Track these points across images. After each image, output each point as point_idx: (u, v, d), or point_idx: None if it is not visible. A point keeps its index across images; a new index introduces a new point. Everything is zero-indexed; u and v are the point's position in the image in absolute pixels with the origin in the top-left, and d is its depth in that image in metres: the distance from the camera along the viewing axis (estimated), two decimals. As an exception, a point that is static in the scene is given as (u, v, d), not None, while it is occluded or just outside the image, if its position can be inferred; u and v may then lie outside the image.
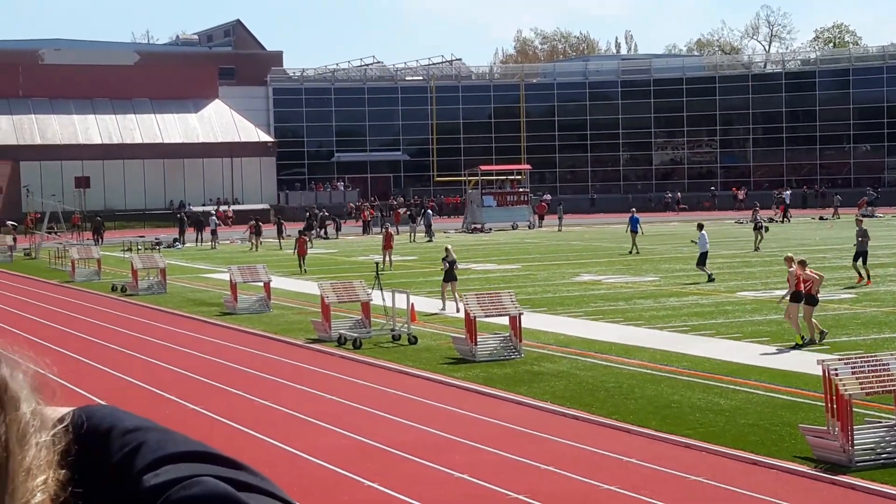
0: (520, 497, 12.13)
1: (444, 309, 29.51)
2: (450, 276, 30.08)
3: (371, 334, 24.23)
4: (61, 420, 1.29)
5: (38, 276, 45.86)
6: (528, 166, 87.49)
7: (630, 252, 47.66)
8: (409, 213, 75.58)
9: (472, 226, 75.18)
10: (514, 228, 75.26)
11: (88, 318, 30.06)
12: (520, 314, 21.84)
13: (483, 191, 79.10)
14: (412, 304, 24.44)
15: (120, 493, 1.25)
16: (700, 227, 37.61)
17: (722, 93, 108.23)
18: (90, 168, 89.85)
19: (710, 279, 34.77)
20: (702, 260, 35.68)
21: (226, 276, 33.39)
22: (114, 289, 37.60)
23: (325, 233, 70.55)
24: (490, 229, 74.00)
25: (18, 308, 33.43)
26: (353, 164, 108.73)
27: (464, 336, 21.85)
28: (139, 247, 57.42)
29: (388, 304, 24.48)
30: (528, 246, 57.19)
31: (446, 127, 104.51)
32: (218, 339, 25.37)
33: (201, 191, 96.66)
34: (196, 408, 17.13)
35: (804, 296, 22.37)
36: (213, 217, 67.28)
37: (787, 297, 22.77)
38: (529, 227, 76.21)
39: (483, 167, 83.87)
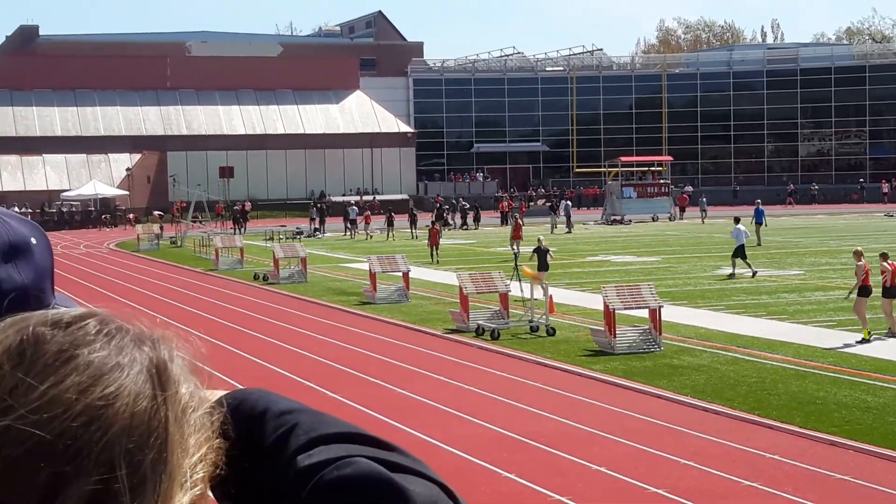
0: (659, 491, 11.94)
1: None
2: (542, 265, 30.79)
3: (509, 325, 24.15)
4: (217, 402, 1.31)
5: (184, 263, 46.85)
6: (670, 157, 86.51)
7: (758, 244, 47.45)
8: (548, 204, 75.34)
9: (612, 217, 74.58)
10: (654, 220, 74.47)
11: (231, 306, 30.58)
12: (659, 307, 21.56)
13: (623, 182, 78.47)
14: (550, 296, 24.29)
15: (273, 473, 1.28)
16: (737, 220, 37.74)
17: (872, 82, 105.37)
18: (234, 158, 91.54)
19: (753, 273, 34.67)
20: (738, 252, 35.75)
21: (365, 266, 33.66)
22: (256, 277, 38.19)
23: (465, 223, 70.75)
24: (630, 221, 73.35)
25: (164, 295, 34.18)
26: (493, 154, 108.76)
27: (602, 328, 21.66)
28: (280, 236, 58.31)
29: (527, 295, 24.38)
30: (668, 238, 56.53)
31: (586, 118, 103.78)
32: (357, 328, 25.55)
33: (341, 181, 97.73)
34: (336, 396, 17.27)
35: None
36: (353, 207, 68.06)
37: (855, 292, 22.56)
38: (670, 219, 75.39)
39: (623, 158, 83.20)
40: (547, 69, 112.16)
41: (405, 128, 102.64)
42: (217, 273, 41.45)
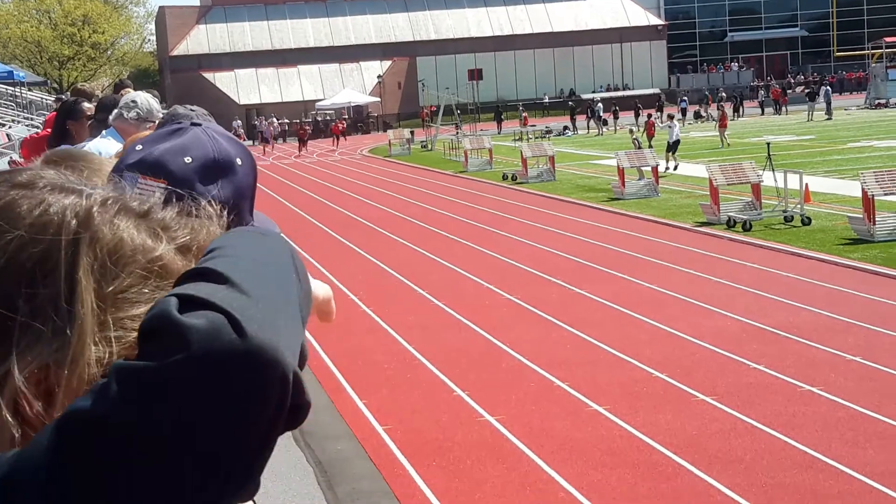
0: (919, 382, 11.36)
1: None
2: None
3: (762, 216, 23.43)
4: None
5: (434, 167, 47.42)
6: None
7: None
8: (808, 91, 72.95)
9: (876, 101, 71.50)
10: (922, 103, 71.13)
11: (481, 207, 30.75)
12: (923, 191, 20.49)
13: (888, 64, 74.95)
14: (806, 185, 23.41)
15: None
16: (671, 117, 40.19)
17: None
18: (482, 60, 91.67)
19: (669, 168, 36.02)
20: (671, 148, 37.04)
21: (613, 162, 33.26)
22: (504, 177, 38.30)
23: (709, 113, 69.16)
24: (895, 104, 70.22)
25: (416, 198, 34.68)
26: (748, 43, 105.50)
27: (861, 216, 20.77)
28: (529, 136, 58.23)
29: (780, 185, 23.58)
30: (936, 120, 53.75)
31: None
32: (606, 224, 25.31)
33: (591, 78, 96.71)
34: (582, 292, 17.14)
35: None
36: (599, 104, 67.44)
37: None
38: (938, 101, 71.78)
39: (888, 39, 79.28)
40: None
41: (655, 20, 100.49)
42: (466, 175, 41.77)
